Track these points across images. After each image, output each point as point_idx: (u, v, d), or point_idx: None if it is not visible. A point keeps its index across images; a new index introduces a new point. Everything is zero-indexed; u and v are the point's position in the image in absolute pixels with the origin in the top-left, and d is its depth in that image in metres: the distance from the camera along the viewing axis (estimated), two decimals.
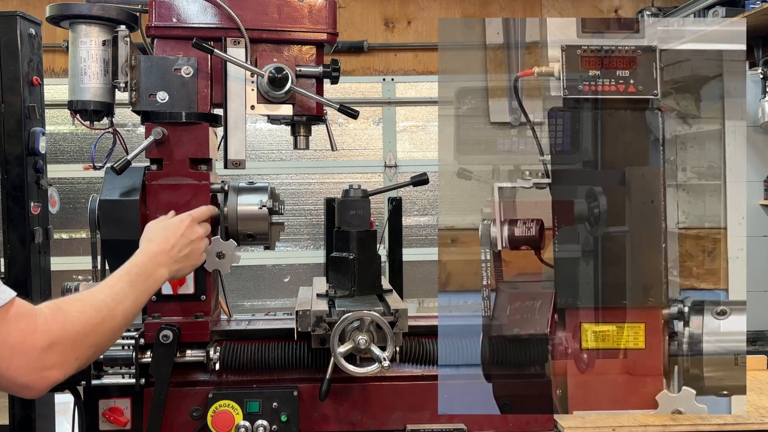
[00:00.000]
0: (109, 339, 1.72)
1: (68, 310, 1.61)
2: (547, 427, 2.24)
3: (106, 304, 1.71)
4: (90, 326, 1.63)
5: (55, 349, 1.53)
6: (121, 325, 1.75)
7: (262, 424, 2.15)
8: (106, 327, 1.68)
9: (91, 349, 1.63)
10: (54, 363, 1.53)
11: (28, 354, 1.50)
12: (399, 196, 2.64)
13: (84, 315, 1.63)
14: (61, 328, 1.56)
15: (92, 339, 1.63)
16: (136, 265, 1.88)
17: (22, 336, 1.49)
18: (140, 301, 1.84)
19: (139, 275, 1.86)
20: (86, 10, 2.23)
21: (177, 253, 2.00)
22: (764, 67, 5.38)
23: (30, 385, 1.52)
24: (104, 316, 1.68)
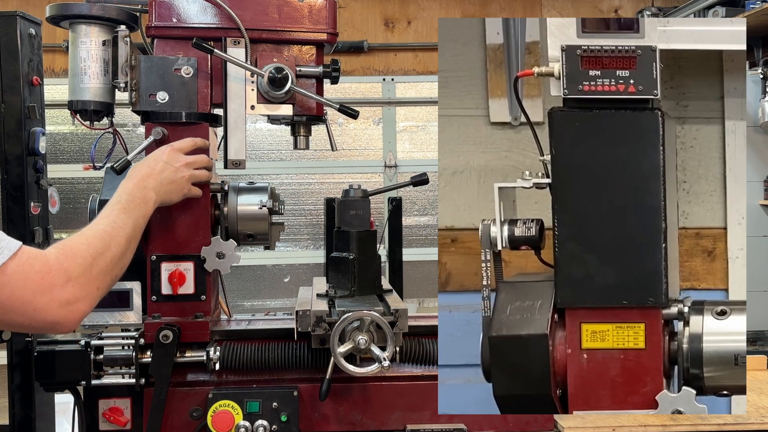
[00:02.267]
0: (119, 265, 1.78)
1: (74, 245, 1.68)
2: (547, 427, 2.24)
3: (107, 233, 1.78)
4: (99, 254, 1.70)
5: (74, 283, 1.60)
6: (126, 249, 1.81)
7: (262, 424, 2.15)
8: (115, 253, 1.75)
9: (107, 276, 1.72)
10: (77, 296, 1.61)
11: (50, 292, 1.56)
12: (399, 196, 2.64)
13: (91, 246, 1.70)
14: (74, 263, 1.63)
15: (104, 266, 1.71)
16: (125, 192, 1.94)
17: (40, 277, 1.55)
18: (138, 225, 1.90)
19: (131, 201, 1.92)
20: (86, 10, 2.23)
21: (162, 178, 2.04)
22: (764, 67, 5.39)
23: (60, 321, 1.59)
24: (109, 243, 1.75)
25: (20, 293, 1.53)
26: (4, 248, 1.52)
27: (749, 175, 4.82)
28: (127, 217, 1.87)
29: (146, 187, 1.99)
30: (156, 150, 2.14)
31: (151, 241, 2.24)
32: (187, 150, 2.17)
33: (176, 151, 2.13)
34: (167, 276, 2.24)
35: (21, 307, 1.54)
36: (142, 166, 2.06)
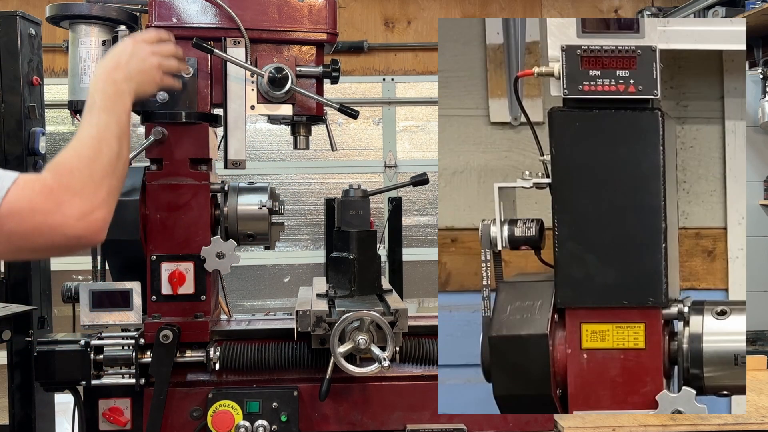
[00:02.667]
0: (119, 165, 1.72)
1: (66, 161, 1.63)
2: (547, 427, 2.24)
3: (95, 137, 1.71)
4: (93, 162, 1.65)
5: (81, 196, 1.57)
6: (119, 148, 1.74)
7: (262, 424, 2.15)
8: (109, 155, 1.69)
9: (111, 179, 1.66)
10: (90, 207, 1.57)
11: (61, 210, 1.53)
12: (399, 196, 2.64)
13: (82, 156, 1.65)
14: (72, 177, 1.59)
15: (104, 171, 1.65)
16: (96, 92, 1.84)
17: (44, 198, 1.53)
18: (122, 121, 1.81)
19: (105, 99, 1.82)
20: (86, 10, 2.23)
21: (129, 68, 1.92)
22: (764, 67, 5.39)
23: (83, 234, 1.55)
24: (99, 147, 1.69)
25: (31, 216, 1.51)
26: (3, 177, 1.51)
27: (749, 175, 4.82)
28: (108, 116, 1.78)
29: (116, 80, 1.87)
30: (119, 42, 2.03)
31: (151, 241, 2.24)
32: (152, 41, 2.05)
33: (139, 42, 2.02)
34: (167, 276, 2.24)
35: (38, 230, 1.52)
36: (106, 62, 1.93)
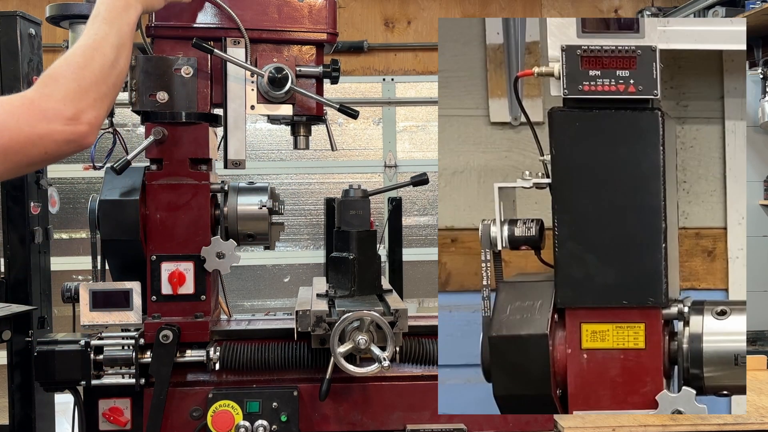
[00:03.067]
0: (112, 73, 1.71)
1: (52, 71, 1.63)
2: (547, 427, 2.24)
3: (89, 46, 1.71)
4: (82, 68, 1.64)
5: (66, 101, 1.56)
6: (116, 57, 1.73)
7: (262, 424, 2.15)
8: (102, 63, 1.68)
9: (101, 85, 1.65)
10: (76, 110, 1.57)
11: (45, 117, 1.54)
12: (399, 196, 2.64)
13: (71, 64, 1.65)
14: (56, 84, 1.59)
15: (93, 77, 1.65)
16: (102, 3, 1.84)
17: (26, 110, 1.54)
18: (123, 33, 1.80)
19: (111, 11, 1.82)
20: (86, 10, 2.23)
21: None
22: (764, 67, 5.39)
23: (72, 138, 1.57)
24: (92, 55, 1.69)
25: (17, 129, 1.51)
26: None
27: (749, 175, 4.82)
28: (109, 27, 1.78)
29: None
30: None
31: (151, 241, 2.24)
32: None
33: None
34: (167, 276, 2.24)
35: (29, 141, 1.52)
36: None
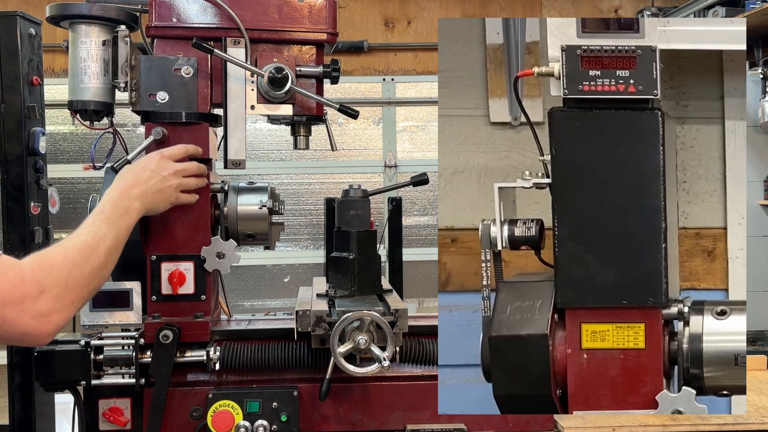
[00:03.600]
0: (98, 277, 1.75)
1: (51, 256, 1.65)
2: (547, 427, 2.24)
3: (87, 244, 1.75)
4: (76, 267, 1.67)
5: (48, 295, 1.57)
6: (106, 261, 1.78)
7: (262, 424, 2.15)
8: (93, 265, 1.72)
9: (83, 289, 1.68)
10: (51, 308, 1.57)
11: (21, 304, 1.53)
12: (399, 196, 2.64)
13: (68, 258, 1.67)
14: (49, 274, 1.60)
15: (81, 279, 1.67)
16: (108, 202, 1.92)
17: (12, 287, 1.52)
18: (120, 236, 1.87)
19: (114, 211, 1.90)
20: (86, 10, 2.23)
21: (148, 187, 2.02)
22: (764, 67, 5.40)
23: (32, 333, 1.56)
24: (88, 254, 1.72)
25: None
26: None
27: (749, 175, 4.82)
28: (109, 228, 1.84)
29: (131, 196, 1.97)
30: (145, 156, 2.11)
31: (151, 241, 2.24)
32: (178, 158, 2.13)
33: (165, 158, 2.10)
34: (167, 276, 2.24)
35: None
36: (128, 174, 2.03)
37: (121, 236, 1.88)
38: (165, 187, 2.07)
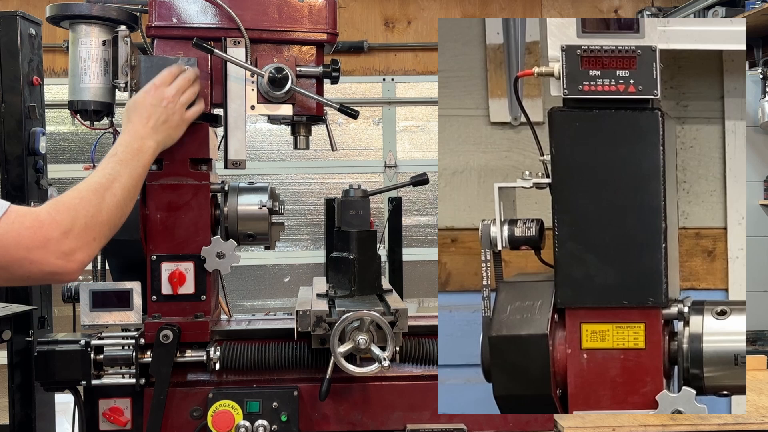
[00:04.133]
0: (116, 214, 1.80)
1: (67, 200, 1.72)
2: (547, 427, 2.24)
3: (101, 185, 1.80)
4: (93, 206, 1.73)
5: (69, 235, 1.65)
6: (123, 199, 1.83)
7: (262, 424, 2.15)
8: (110, 203, 1.77)
9: (103, 226, 1.75)
10: (74, 246, 1.65)
11: (46, 246, 1.61)
12: (399, 196, 2.64)
13: (84, 199, 1.73)
14: (67, 216, 1.67)
15: (100, 217, 1.73)
16: (120, 144, 1.95)
17: (32, 233, 1.60)
18: (135, 175, 1.91)
19: (127, 153, 1.93)
20: (86, 10, 2.23)
21: (155, 122, 2.03)
22: (764, 67, 5.40)
23: (59, 271, 1.64)
24: (103, 194, 1.77)
25: (14, 249, 1.58)
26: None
27: (749, 175, 4.82)
28: (123, 168, 1.88)
29: (141, 136, 1.99)
30: (139, 94, 2.09)
31: (151, 241, 2.24)
32: (169, 82, 2.12)
33: (158, 87, 2.09)
34: (167, 276, 2.24)
35: (18, 262, 1.59)
36: (131, 118, 2.03)
37: (137, 175, 1.91)
38: (170, 115, 2.07)
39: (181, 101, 2.12)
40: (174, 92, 2.11)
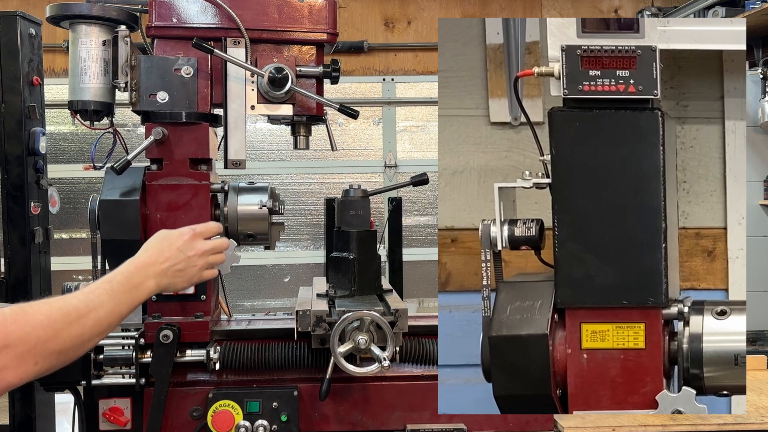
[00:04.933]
0: (75, 347, 1.60)
1: (32, 312, 1.53)
2: (547, 427, 2.24)
3: (77, 309, 1.61)
4: (53, 330, 1.53)
5: (9, 351, 1.45)
6: (91, 333, 1.63)
7: (262, 424, 2.15)
8: (73, 333, 1.58)
9: (53, 355, 1.54)
10: (6, 364, 1.45)
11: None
12: (399, 196, 2.64)
13: (49, 318, 1.54)
14: (20, 330, 1.48)
15: (55, 344, 1.54)
16: (122, 273, 1.79)
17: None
18: (118, 312, 1.72)
19: (122, 284, 1.76)
20: (86, 10, 2.23)
21: (169, 266, 1.89)
22: (764, 67, 5.40)
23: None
24: (72, 321, 1.58)
25: None
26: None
27: (749, 175, 4.83)
28: (108, 300, 1.69)
29: (147, 274, 1.83)
30: (177, 231, 1.97)
31: None
32: (210, 236, 2.01)
33: (197, 236, 1.97)
34: None
35: None
36: (153, 248, 1.90)
37: (120, 312, 1.73)
38: (188, 267, 1.94)
39: (208, 261, 1.98)
40: (207, 249, 1.97)
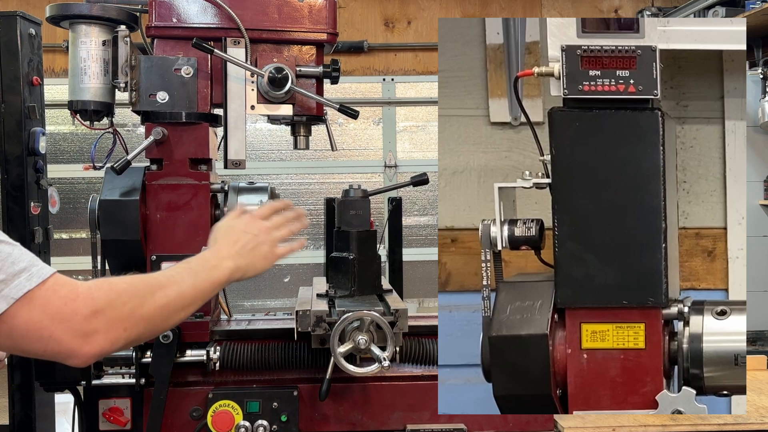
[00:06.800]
0: (162, 317, 1.62)
1: (116, 281, 1.57)
2: (547, 427, 2.24)
3: (158, 281, 1.64)
4: (138, 298, 1.56)
5: (99, 316, 1.48)
6: (176, 305, 1.64)
7: (262, 424, 2.15)
8: (157, 303, 1.59)
9: (141, 322, 1.56)
10: (98, 328, 1.47)
11: (70, 320, 1.45)
12: (399, 196, 2.64)
13: (132, 286, 1.58)
14: (106, 297, 1.50)
15: (141, 312, 1.56)
16: (197, 258, 1.82)
17: (62, 303, 1.45)
18: (201, 288, 1.73)
19: (200, 264, 1.78)
20: (86, 10, 2.23)
21: (241, 247, 1.89)
22: (764, 67, 5.40)
23: (74, 351, 1.47)
24: (155, 290, 1.60)
25: (38, 318, 1.44)
26: (34, 275, 1.45)
27: (749, 175, 4.82)
28: (189, 276, 1.71)
29: (223, 257, 1.84)
30: (231, 217, 1.98)
31: (151, 241, 2.24)
32: (266, 216, 2.00)
33: (254, 218, 1.97)
34: None
35: (37, 333, 1.44)
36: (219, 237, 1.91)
37: (201, 288, 1.73)
38: (258, 245, 1.93)
39: (275, 236, 1.97)
40: (270, 225, 1.97)
